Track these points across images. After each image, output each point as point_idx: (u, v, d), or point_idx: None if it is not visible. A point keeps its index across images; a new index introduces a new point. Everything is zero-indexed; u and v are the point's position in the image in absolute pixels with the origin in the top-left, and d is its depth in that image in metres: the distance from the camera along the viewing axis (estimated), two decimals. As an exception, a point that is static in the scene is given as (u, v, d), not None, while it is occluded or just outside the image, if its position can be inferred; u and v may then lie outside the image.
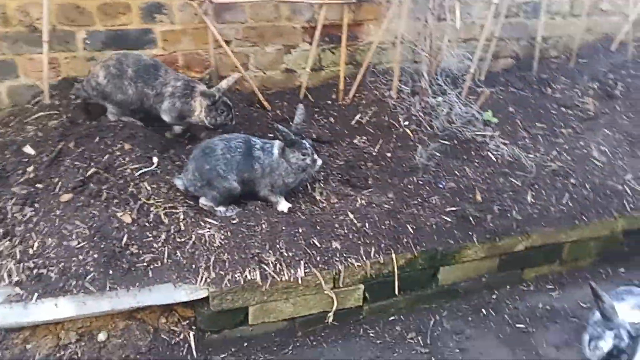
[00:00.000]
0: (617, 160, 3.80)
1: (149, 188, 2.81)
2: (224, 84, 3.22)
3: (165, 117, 3.23)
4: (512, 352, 2.78)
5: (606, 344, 2.29)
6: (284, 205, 2.91)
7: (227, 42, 3.65)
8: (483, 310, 3.06)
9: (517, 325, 2.97)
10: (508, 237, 3.06)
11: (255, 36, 3.78)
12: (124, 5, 3.37)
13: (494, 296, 3.18)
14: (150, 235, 2.63)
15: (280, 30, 3.84)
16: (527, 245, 3.14)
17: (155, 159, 2.98)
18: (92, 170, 2.79)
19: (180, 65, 3.65)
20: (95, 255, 2.44)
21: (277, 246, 2.65)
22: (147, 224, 2.66)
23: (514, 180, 3.40)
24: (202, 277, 2.50)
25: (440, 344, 2.81)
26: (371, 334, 2.85)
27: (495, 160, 3.55)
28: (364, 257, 2.72)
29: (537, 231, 3.13)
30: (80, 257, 2.42)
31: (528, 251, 3.17)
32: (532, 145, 3.83)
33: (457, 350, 2.77)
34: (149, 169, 2.91)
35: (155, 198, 2.78)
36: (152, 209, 2.73)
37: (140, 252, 2.55)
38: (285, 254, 2.63)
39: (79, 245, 2.45)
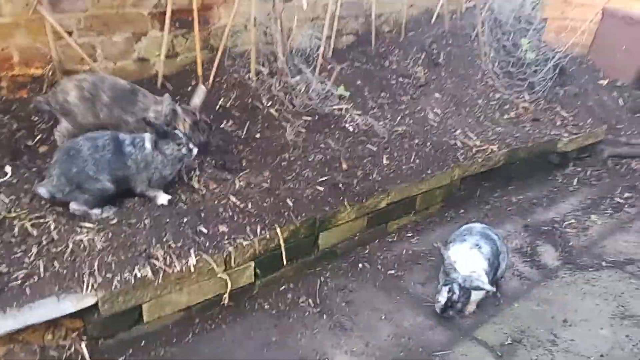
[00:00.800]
0: (447, 119, 4.46)
1: (6, 200, 2.56)
2: (197, 100, 3.13)
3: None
4: (388, 295, 3.20)
5: (442, 297, 2.89)
6: (163, 198, 2.88)
7: (69, 33, 3.39)
8: (359, 265, 3.44)
9: (389, 272, 3.40)
10: (372, 196, 3.44)
11: (99, 25, 3.55)
12: None
13: (367, 251, 3.58)
14: (19, 250, 2.43)
15: (126, 18, 3.66)
16: (388, 202, 3.57)
17: (8, 168, 2.71)
18: None
19: (16, 62, 3.28)
20: (-42, 282, 2.19)
21: (164, 239, 2.65)
22: (13, 239, 2.45)
23: (370, 147, 3.81)
24: (87, 284, 2.39)
25: (328, 301, 3.10)
26: (266, 306, 3.02)
27: (352, 130, 3.93)
28: (251, 236, 2.86)
29: (394, 188, 3.57)
30: (-61, 288, 2.15)
31: (389, 207, 3.61)
32: (380, 113, 4.29)
33: (344, 304, 3.09)
34: (3, 179, 2.64)
35: (17, 210, 2.55)
36: (15, 222, 2.51)
37: (11, 270, 2.35)
38: (174, 245, 2.65)
39: None
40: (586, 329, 2.99)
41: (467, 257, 3.00)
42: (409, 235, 3.80)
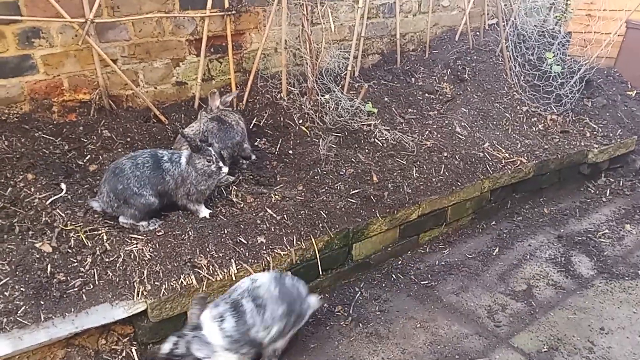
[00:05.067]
0: (475, 133, 4.52)
1: (63, 214, 2.75)
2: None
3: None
4: (422, 304, 3.25)
5: (166, 346, 2.36)
6: (204, 212, 3.04)
7: (114, 61, 3.63)
8: (393, 275, 3.50)
9: (422, 282, 3.45)
10: (403, 208, 3.53)
11: (142, 52, 3.80)
12: (-4, 32, 3.19)
13: (400, 262, 3.64)
14: (75, 260, 2.60)
15: (166, 45, 3.90)
16: (419, 214, 3.65)
17: (63, 185, 2.91)
18: (-3, 205, 2.66)
19: (66, 88, 3.54)
20: (22, 289, 2.37)
21: (207, 249, 2.79)
22: (70, 250, 2.62)
23: (400, 160, 3.90)
24: (138, 291, 2.54)
25: (363, 310, 3.17)
26: (303, 315, 3.12)
27: (381, 145, 4.03)
28: (288, 246, 2.98)
29: (425, 200, 3.64)
30: (7, 294, 2.33)
31: (420, 218, 3.68)
32: (408, 128, 4.39)
33: (379, 312, 3.16)
34: (59, 195, 2.84)
35: (73, 223, 2.73)
36: (71, 234, 2.69)
37: (68, 278, 2.52)
38: (216, 255, 2.78)
39: (2, 282, 2.36)
40: (624, 337, 2.98)
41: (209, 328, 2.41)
42: (441, 246, 3.86)
